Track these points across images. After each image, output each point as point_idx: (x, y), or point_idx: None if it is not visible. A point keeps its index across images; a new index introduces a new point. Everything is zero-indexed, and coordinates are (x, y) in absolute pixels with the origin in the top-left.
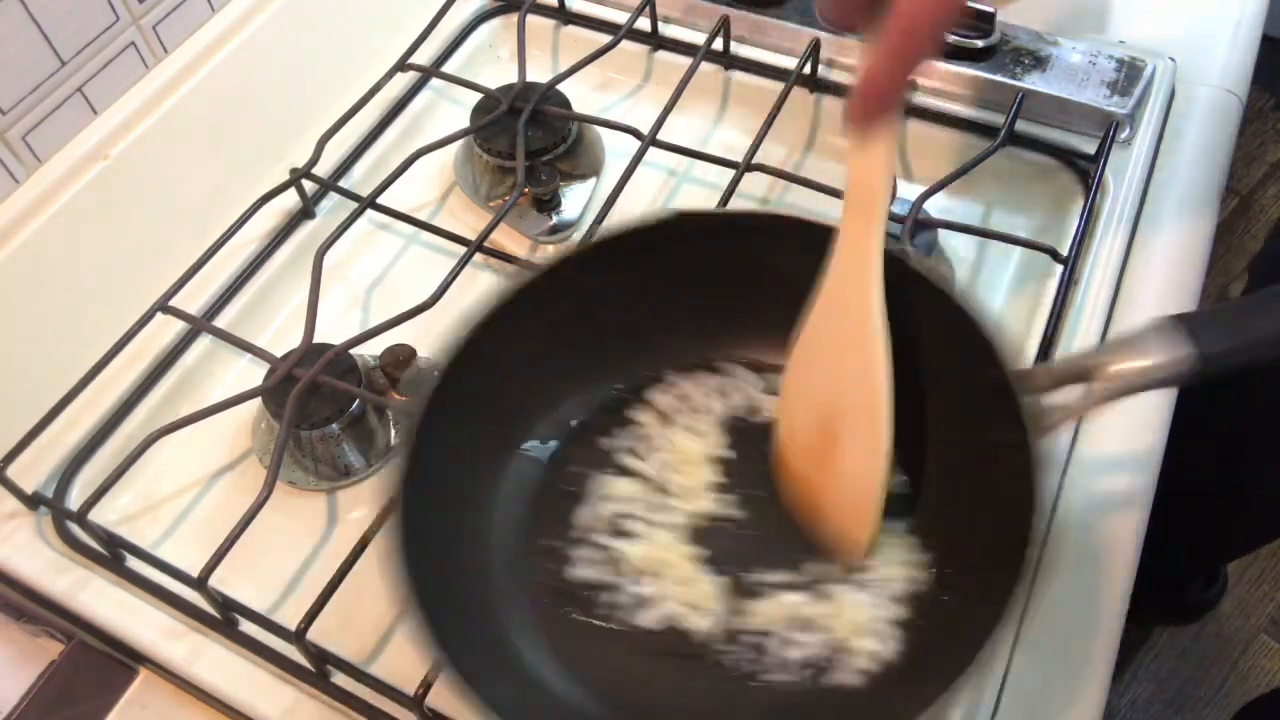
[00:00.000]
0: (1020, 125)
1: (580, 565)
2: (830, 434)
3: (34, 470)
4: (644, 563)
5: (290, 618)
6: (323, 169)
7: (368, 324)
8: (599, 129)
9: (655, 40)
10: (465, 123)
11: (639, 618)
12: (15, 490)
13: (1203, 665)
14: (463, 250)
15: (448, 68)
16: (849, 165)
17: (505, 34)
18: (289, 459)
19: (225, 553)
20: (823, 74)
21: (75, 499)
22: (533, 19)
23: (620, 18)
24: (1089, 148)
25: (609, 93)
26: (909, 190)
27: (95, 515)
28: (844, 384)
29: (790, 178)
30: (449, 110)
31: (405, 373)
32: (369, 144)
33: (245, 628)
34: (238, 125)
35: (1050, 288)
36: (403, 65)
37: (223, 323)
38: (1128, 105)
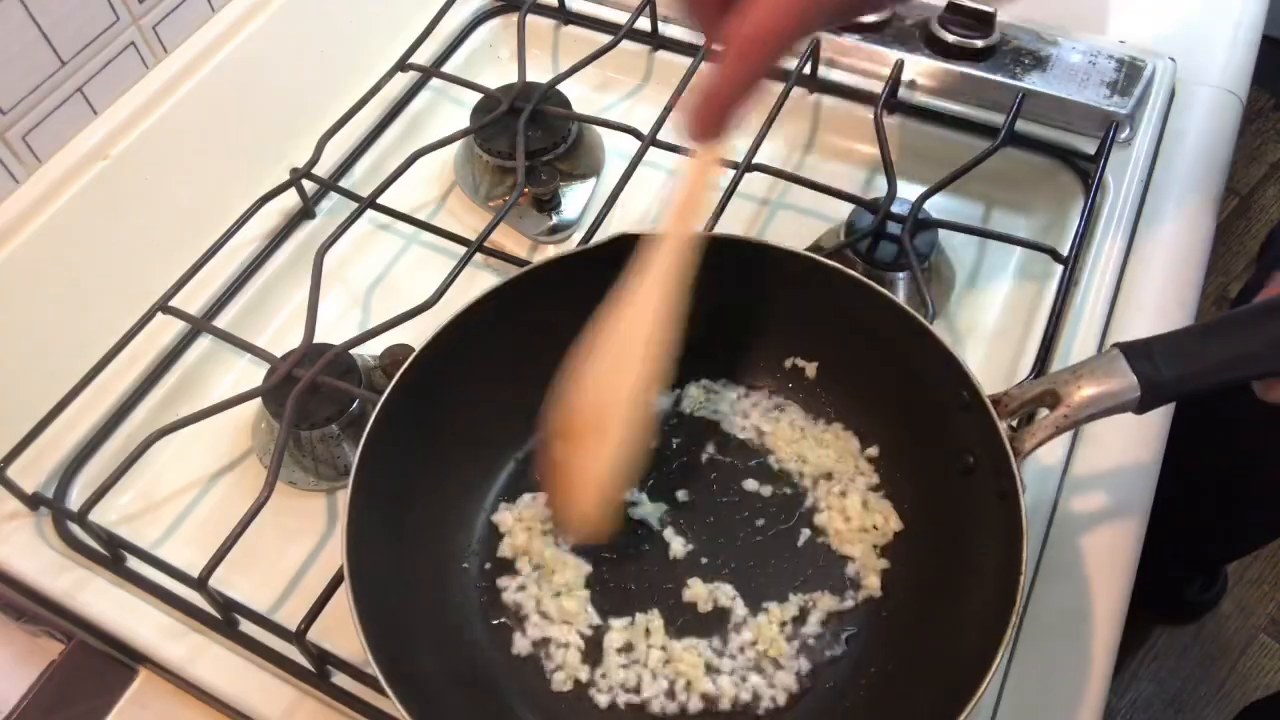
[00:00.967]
0: (1020, 125)
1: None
2: (589, 422)
3: (34, 470)
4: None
5: (290, 618)
6: (323, 169)
7: (368, 324)
8: (599, 129)
9: (655, 40)
10: (465, 123)
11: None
12: (15, 490)
13: (1203, 665)
14: (463, 250)
15: (448, 68)
16: (685, 168)
17: (505, 34)
18: (289, 459)
19: (225, 553)
20: (823, 74)
21: (75, 499)
22: (533, 19)
23: (620, 18)
24: (1089, 148)
25: (609, 93)
26: (909, 190)
27: (95, 515)
28: (613, 374)
29: (790, 178)
30: (449, 110)
31: None
32: (369, 144)
33: (245, 628)
34: (238, 125)
35: (1050, 288)
36: (403, 65)
37: (223, 323)
38: (1128, 105)
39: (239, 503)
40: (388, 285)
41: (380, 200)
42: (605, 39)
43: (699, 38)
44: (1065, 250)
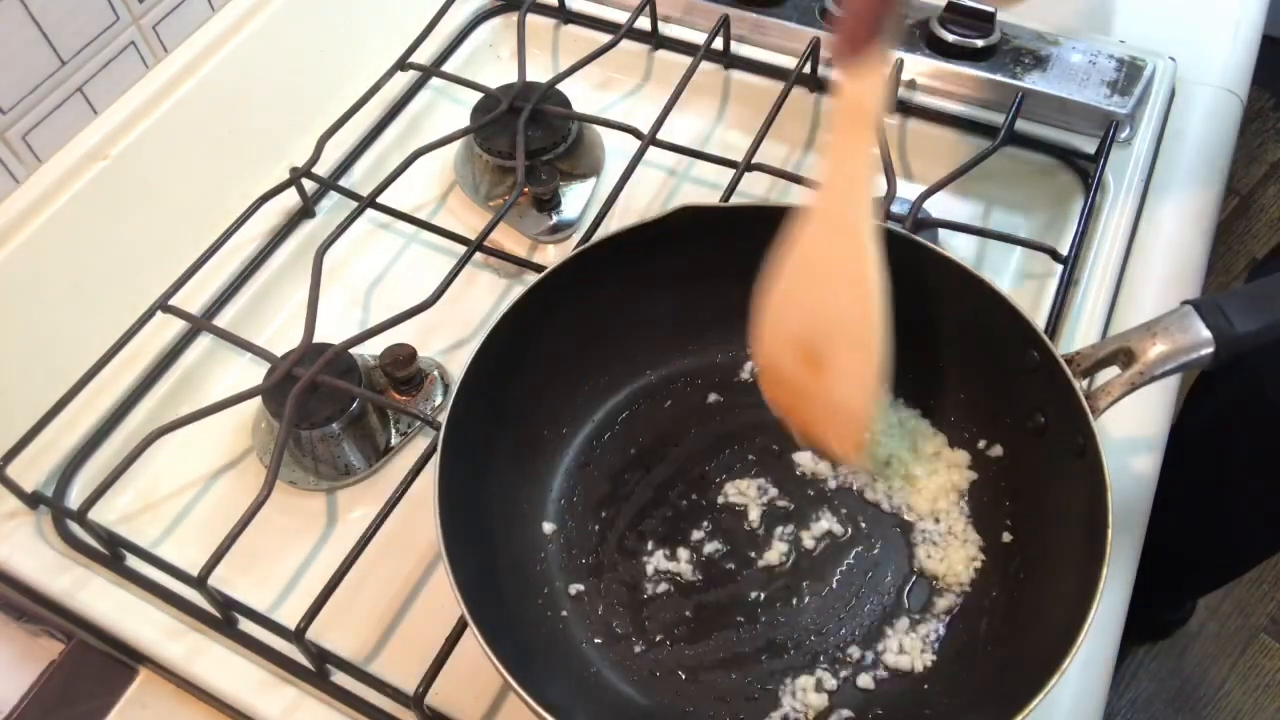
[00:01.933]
0: (1020, 125)
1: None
2: (822, 349)
3: (34, 469)
4: None
5: (290, 617)
6: (323, 168)
7: (368, 323)
8: (599, 128)
9: (655, 40)
10: (465, 122)
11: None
12: (15, 489)
13: (1203, 665)
14: (463, 250)
15: (448, 67)
16: (840, 92)
17: (505, 33)
18: (289, 459)
19: (225, 552)
20: (823, 73)
21: (75, 498)
22: (533, 18)
23: (620, 17)
24: (1089, 147)
25: (609, 92)
26: (909, 190)
27: (95, 514)
28: (837, 298)
29: (790, 177)
30: (449, 110)
31: (405, 372)
32: (369, 143)
33: (245, 627)
34: (238, 125)
35: (1050, 287)
36: (403, 65)
37: (223, 322)
38: (1128, 105)
39: (239, 502)
40: (387, 284)
41: (380, 200)
42: (605, 38)
43: (699, 37)
44: (1065, 250)
